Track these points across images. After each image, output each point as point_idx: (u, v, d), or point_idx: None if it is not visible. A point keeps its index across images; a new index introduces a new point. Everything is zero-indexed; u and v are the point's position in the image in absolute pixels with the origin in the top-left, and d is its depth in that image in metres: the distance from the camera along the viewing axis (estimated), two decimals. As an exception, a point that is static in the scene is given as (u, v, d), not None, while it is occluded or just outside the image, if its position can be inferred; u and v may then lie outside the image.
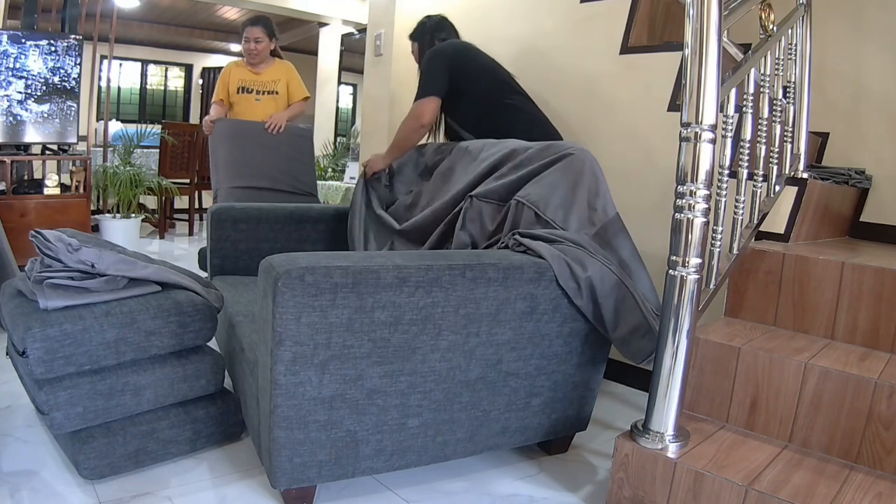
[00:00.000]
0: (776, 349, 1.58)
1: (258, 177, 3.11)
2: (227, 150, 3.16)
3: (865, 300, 1.65)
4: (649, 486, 1.45)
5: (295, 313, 1.29)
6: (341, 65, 7.81)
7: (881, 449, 1.40)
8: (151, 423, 1.59)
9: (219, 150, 3.20)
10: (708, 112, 1.37)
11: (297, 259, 1.33)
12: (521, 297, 1.52)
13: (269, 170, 3.13)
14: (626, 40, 2.58)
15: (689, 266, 1.41)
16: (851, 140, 2.37)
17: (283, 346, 1.31)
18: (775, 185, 1.98)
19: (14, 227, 3.21)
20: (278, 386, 1.33)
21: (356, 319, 1.35)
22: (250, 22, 3.41)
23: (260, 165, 3.13)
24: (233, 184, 3.10)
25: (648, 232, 2.32)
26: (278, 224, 2.42)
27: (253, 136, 3.19)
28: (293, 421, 1.37)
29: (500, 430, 1.64)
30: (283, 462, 1.39)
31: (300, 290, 1.28)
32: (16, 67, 3.62)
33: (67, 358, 1.45)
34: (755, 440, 1.54)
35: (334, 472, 1.46)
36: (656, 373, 1.46)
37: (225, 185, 3.12)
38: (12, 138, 3.69)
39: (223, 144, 3.18)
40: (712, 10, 1.36)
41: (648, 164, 2.44)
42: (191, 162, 5.41)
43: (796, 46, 2.08)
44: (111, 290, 1.58)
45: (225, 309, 1.90)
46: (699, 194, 1.39)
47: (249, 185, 3.09)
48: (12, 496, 1.46)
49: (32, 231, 1.65)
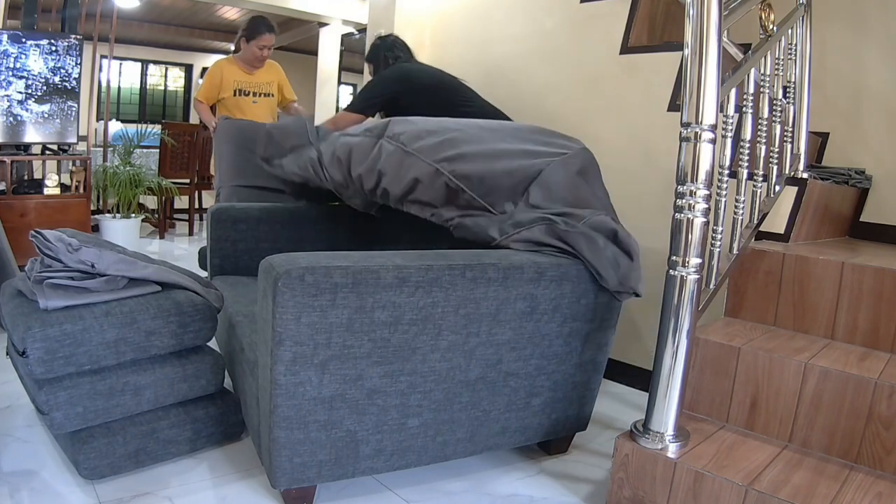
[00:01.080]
0: (776, 349, 1.58)
1: (261, 176, 3.11)
2: (231, 149, 3.17)
3: (865, 300, 1.65)
4: (649, 486, 1.45)
5: (295, 313, 1.29)
6: (341, 65, 7.80)
7: (881, 449, 1.40)
8: (151, 423, 1.59)
9: (223, 149, 3.20)
10: (708, 112, 1.37)
11: (297, 259, 1.32)
12: (521, 297, 1.52)
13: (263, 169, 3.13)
14: (626, 40, 2.58)
15: (689, 266, 1.41)
16: (851, 140, 2.37)
17: (283, 346, 1.31)
18: (775, 185, 1.98)
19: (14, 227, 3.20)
20: (278, 386, 1.33)
21: (356, 319, 1.35)
22: (269, 29, 3.43)
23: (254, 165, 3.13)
24: (235, 182, 3.10)
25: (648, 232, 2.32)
26: (278, 224, 2.42)
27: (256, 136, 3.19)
28: (293, 421, 1.37)
29: (500, 430, 1.64)
30: (283, 462, 1.39)
31: (300, 290, 1.28)
32: (16, 67, 3.61)
33: (67, 358, 1.45)
34: (755, 440, 1.54)
35: (334, 472, 1.46)
36: (656, 373, 1.46)
37: (227, 183, 3.12)
38: (12, 138, 3.69)
39: (227, 144, 3.19)
40: (712, 10, 1.36)
41: (648, 164, 2.44)
42: (191, 162, 5.41)
43: (796, 46, 2.08)
44: (111, 290, 1.58)
45: (225, 309, 1.90)
46: (699, 194, 1.39)
47: (251, 184, 3.08)
48: (12, 496, 1.46)
49: (32, 231, 1.65)
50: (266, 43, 3.44)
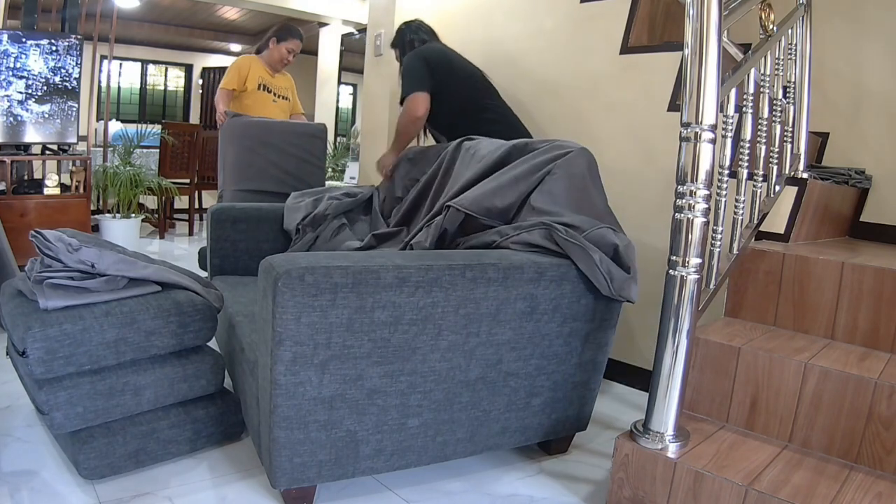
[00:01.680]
0: (776, 349, 1.58)
1: (264, 179, 3.10)
2: (235, 150, 3.16)
3: (865, 300, 1.65)
4: (649, 486, 1.45)
5: (295, 313, 1.29)
6: (341, 65, 7.80)
7: (881, 449, 1.40)
8: (151, 423, 1.59)
9: (227, 151, 3.20)
10: (708, 112, 1.37)
11: (297, 259, 1.33)
12: (520, 297, 1.52)
13: (276, 172, 3.12)
14: (626, 40, 2.58)
15: (689, 266, 1.41)
16: (851, 140, 2.37)
17: (283, 346, 1.31)
18: (775, 185, 1.98)
19: (14, 227, 3.20)
20: (278, 386, 1.33)
21: (356, 319, 1.35)
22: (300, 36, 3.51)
23: (266, 167, 3.12)
24: (238, 186, 3.11)
25: (648, 232, 2.32)
26: (278, 224, 2.42)
27: (263, 135, 3.15)
28: (293, 421, 1.37)
29: (500, 430, 1.64)
30: (283, 462, 1.39)
31: (300, 290, 1.28)
32: (16, 67, 3.61)
33: (67, 358, 1.45)
34: (755, 440, 1.54)
35: (334, 472, 1.46)
36: (656, 373, 1.46)
37: (230, 187, 3.13)
38: (12, 138, 3.69)
39: (232, 145, 3.18)
40: (712, 10, 1.36)
41: (648, 164, 2.44)
42: (191, 162, 5.41)
43: (796, 46, 2.08)
44: (111, 290, 1.58)
45: (225, 309, 1.90)
46: (699, 194, 1.39)
47: (254, 188, 3.09)
48: (12, 496, 1.46)
49: (32, 231, 1.65)
50: (295, 47, 3.51)
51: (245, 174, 3.11)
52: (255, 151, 3.11)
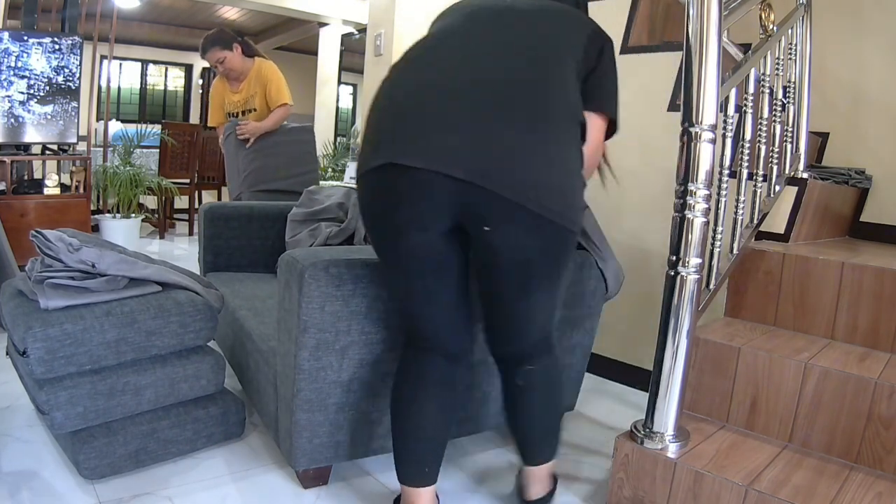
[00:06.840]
0: (776, 349, 1.58)
1: (277, 180, 3.22)
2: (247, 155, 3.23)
3: (865, 300, 1.65)
4: (649, 486, 1.45)
5: (320, 303, 1.37)
6: (341, 65, 7.81)
7: (881, 449, 1.40)
8: (152, 423, 1.59)
9: (238, 157, 3.25)
10: (708, 112, 1.37)
11: (319, 253, 1.42)
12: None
13: (280, 173, 3.22)
14: (626, 40, 2.58)
15: (689, 266, 1.41)
16: (851, 140, 2.37)
17: (307, 334, 1.38)
18: (775, 185, 1.98)
19: (14, 227, 3.20)
20: (302, 371, 1.41)
21: (374, 307, 1.44)
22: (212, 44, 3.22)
23: (273, 169, 3.22)
24: (256, 188, 3.19)
25: (648, 232, 2.32)
26: (269, 221, 2.47)
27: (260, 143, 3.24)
28: (314, 403, 1.44)
29: (498, 410, 1.70)
30: (303, 443, 1.47)
31: (325, 281, 1.36)
32: (17, 67, 3.59)
33: (68, 358, 1.45)
34: (755, 440, 1.54)
35: (350, 451, 1.54)
36: (656, 373, 1.46)
37: (248, 189, 3.21)
38: (13, 139, 3.68)
39: (240, 151, 3.24)
40: (712, 10, 1.36)
41: (648, 164, 2.44)
42: (191, 162, 5.41)
43: (796, 46, 2.08)
44: (112, 289, 1.58)
45: (226, 304, 1.91)
46: (699, 194, 1.39)
47: (270, 188, 3.19)
48: (12, 496, 1.46)
49: (33, 231, 1.65)
50: (212, 59, 3.24)
51: (261, 177, 3.21)
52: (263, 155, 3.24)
